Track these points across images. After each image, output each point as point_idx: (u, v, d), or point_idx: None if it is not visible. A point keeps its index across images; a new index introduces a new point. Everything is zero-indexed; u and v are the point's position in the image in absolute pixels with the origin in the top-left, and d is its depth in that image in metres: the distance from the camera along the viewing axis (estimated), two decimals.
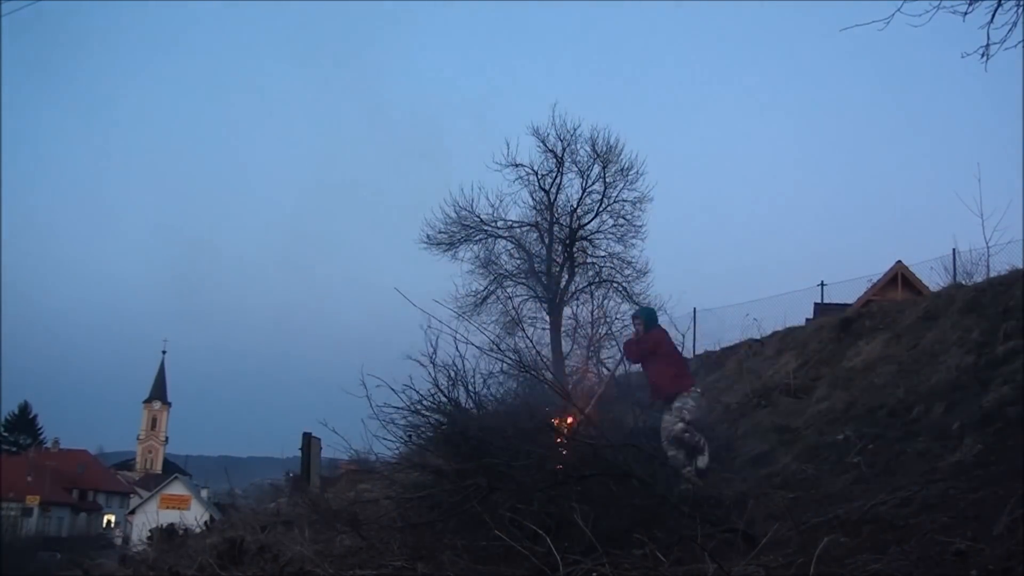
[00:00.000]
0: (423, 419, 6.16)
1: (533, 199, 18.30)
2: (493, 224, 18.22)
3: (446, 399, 6.05)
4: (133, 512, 55.41)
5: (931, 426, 6.41)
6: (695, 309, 18.48)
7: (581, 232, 18.25)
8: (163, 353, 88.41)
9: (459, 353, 6.10)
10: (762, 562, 4.05)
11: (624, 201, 18.13)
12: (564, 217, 18.25)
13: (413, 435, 6.31)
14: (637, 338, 8.20)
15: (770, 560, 4.11)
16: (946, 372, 7.41)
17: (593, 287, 18.27)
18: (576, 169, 18.18)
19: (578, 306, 18.16)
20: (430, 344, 6.00)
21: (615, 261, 18.25)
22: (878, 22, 6.30)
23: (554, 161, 18.04)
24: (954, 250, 14.34)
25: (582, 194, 18.18)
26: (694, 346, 17.05)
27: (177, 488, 59.10)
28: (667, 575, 4.20)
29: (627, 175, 18.00)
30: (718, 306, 18.38)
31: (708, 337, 16.75)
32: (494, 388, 6.82)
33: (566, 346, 17.59)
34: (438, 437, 6.12)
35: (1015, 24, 5.89)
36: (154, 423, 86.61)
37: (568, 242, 18.21)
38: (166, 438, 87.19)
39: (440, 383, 6.06)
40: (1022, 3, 5.87)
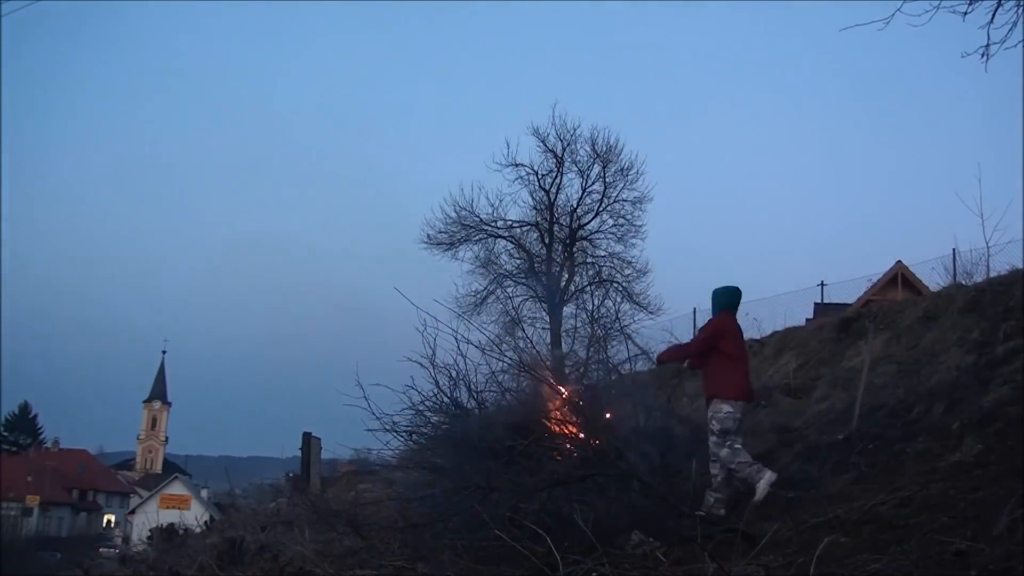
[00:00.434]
0: (424, 419, 6.15)
1: (533, 199, 18.32)
2: (493, 224, 18.24)
3: (448, 399, 6.04)
4: (133, 512, 55.39)
5: (931, 426, 6.41)
6: (695, 309, 18.49)
7: (581, 232, 18.26)
8: (163, 353, 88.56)
9: (460, 353, 6.09)
10: (762, 562, 4.05)
11: (624, 201, 18.17)
12: (564, 217, 18.26)
13: (414, 435, 6.31)
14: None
15: (770, 560, 4.10)
16: (946, 372, 7.41)
17: (593, 287, 18.29)
18: (576, 169, 18.22)
19: (578, 306, 18.19)
20: (428, 346, 5.99)
21: (615, 261, 18.28)
22: (878, 22, 6.31)
23: (554, 161, 18.06)
24: (954, 250, 14.35)
25: (582, 194, 18.21)
26: None
27: (177, 488, 59.01)
28: (667, 575, 4.20)
29: (627, 175, 18.04)
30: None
31: None
32: (495, 388, 6.76)
33: (566, 346, 17.61)
34: (439, 437, 6.12)
35: (1015, 24, 5.89)
36: (154, 423, 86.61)
37: (568, 242, 18.22)
38: (166, 438, 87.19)
39: (441, 383, 6.06)
40: (1022, 3, 5.88)
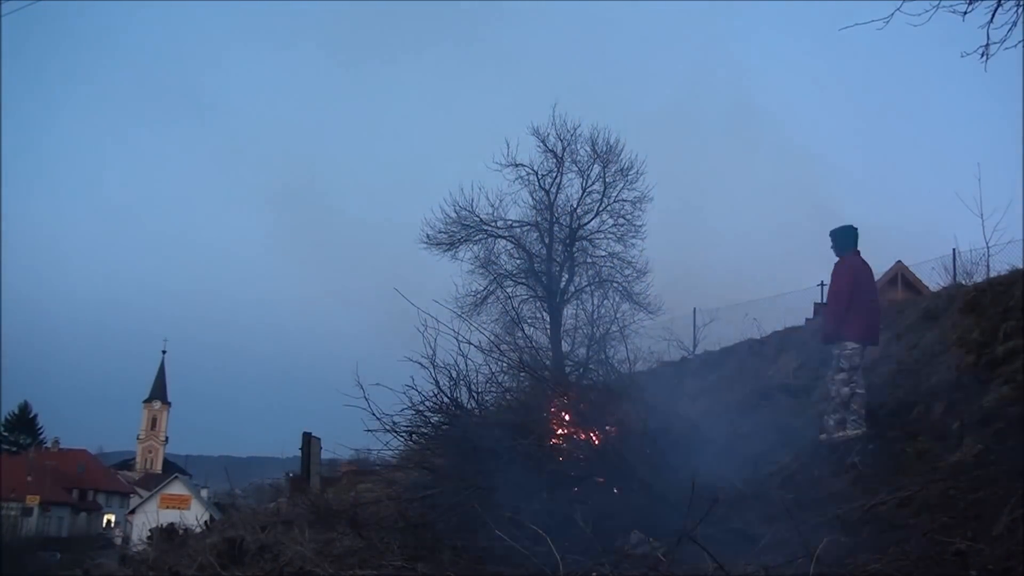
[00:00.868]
0: (424, 419, 6.15)
1: (533, 199, 18.29)
2: (493, 224, 18.21)
3: (448, 399, 6.04)
4: (133, 512, 55.40)
5: (931, 426, 6.41)
6: (695, 309, 18.49)
7: (581, 232, 18.24)
8: (163, 353, 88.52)
9: (461, 353, 6.09)
10: (762, 562, 4.05)
11: (624, 201, 18.13)
12: (564, 217, 18.24)
13: (414, 435, 6.30)
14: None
15: (770, 560, 4.10)
16: (946, 372, 7.41)
17: (593, 287, 18.28)
18: (576, 169, 18.18)
19: (578, 306, 18.18)
20: (429, 346, 5.99)
21: (615, 261, 18.24)
22: (878, 22, 6.31)
23: (554, 161, 18.04)
24: (954, 250, 14.31)
25: (582, 194, 18.18)
26: (694, 346, 17.10)
27: (177, 488, 59.04)
28: (667, 575, 4.20)
29: (627, 175, 18.01)
30: (718, 306, 18.35)
31: (708, 337, 16.78)
32: (495, 388, 6.75)
33: (566, 346, 17.60)
34: (439, 437, 6.12)
35: (1015, 24, 5.88)
36: (154, 423, 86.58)
37: (568, 242, 18.20)
38: (166, 438, 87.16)
39: (441, 383, 6.05)
40: (1022, 3, 5.87)
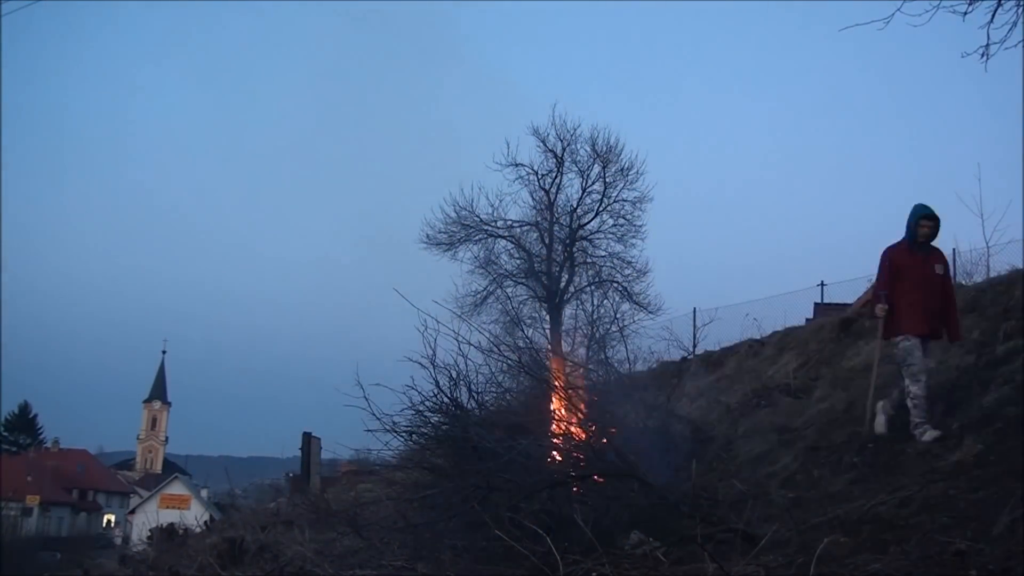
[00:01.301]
0: (424, 419, 6.14)
1: (533, 199, 18.30)
2: (493, 224, 18.21)
3: (448, 399, 6.03)
4: (133, 512, 55.38)
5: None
6: (695, 309, 18.48)
7: (581, 232, 18.24)
8: (163, 353, 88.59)
9: (461, 353, 6.08)
10: (762, 562, 4.05)
11: (624, 201, 18.13)
12: (564, 217, 18.24)
13: (414, 435, 6.30)
14: None
15: (770, 560, 4.11)
16: (946, 372, 7.40)
17: (593, 287, 18.28)
18: (576, 169, 18.18)
19: (578, 306, 18.18)
20: (428, 346, 5.98)
21: (615, 261, 18.24)
22: (878, 22, 6.32)
23: (554, 161, 18.04)
24: (954, 250, 14.25)
25: (582, 194, 18.18)
26: (694, 346, 17.09)
27: (177, 488, 59.02)
28: (667, 575, 4.21)
29: (627, 175, 18.01)
30: (718, 306, 18.35)
31: (708, 337, 16.76)
32: (495, 388, 6.74)
33: (566, 346, 17.59)
34: (439, 437, 6.11)
35: (1015, 24, 5.90)
36: (154, 423, 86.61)
37: (568, 242, 18.20)
38: (166, 438, 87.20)
39: (441, 383, 6.05)
40: (1022, 3, 5.88)
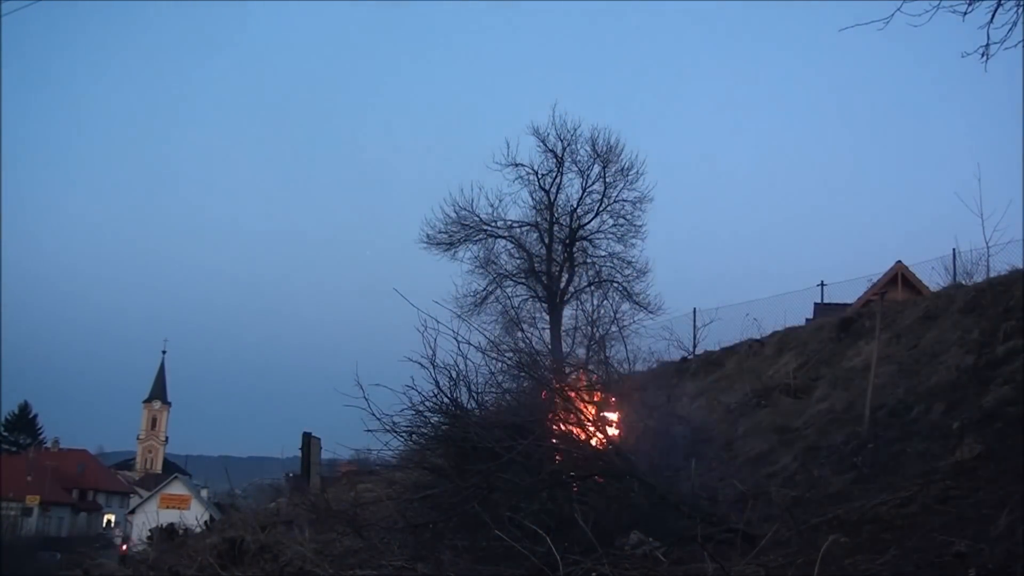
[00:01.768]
0: (424, 419, 6.14)
1: (533, 199, 18.34)
2: (493, 224, 18.25)
3: (448, 399, 6.02)
4: (133, 512, 55.38)
5: (931, 426, 6.40)
6: (695, 309, 18.48)
7: (581, 232, 18.27)
8: (163, 353, 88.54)
9: (461, 353, 6.08)
10: (762, 562, 4.05)
11: (624, 201, 18.18)
12: (564, 217, 18.27)
13: (414, 435, 6.29)
14: None
15: (770, 560, 4.11)
16: (946, 372, 7.40)
17: (593, 287, 18.29)
18: (576, 169, 18.23)
19: (578, 306, 18.20)
20: (428, 346, 5.98)
21: (615, 261, 18.29)
22: (878, 22, 6.32)
23: (554, 161, 18.07)
24: (954, 250, 14.33)
25: (582, 194, 18.22)
26: (694, 346, 17.09)
27: (177, 488, 59.01)
28: (667, 575, 4.21)
29: (627, 175, 18.05)
30: (718, 306, 18.35)
31: (708, 337, 16.76)
32: (495, 388, 6.73)
33: (566, 346, 17.60)
34: (439, 437, 6.11)
35: (1015, 24, 5.90)
36: (154, 423, 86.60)
37: (568, 242, 18.22)
38: (166, 438, 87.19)
39: (441, 384, 6.04)
40: (1022, 3, 5.88)
